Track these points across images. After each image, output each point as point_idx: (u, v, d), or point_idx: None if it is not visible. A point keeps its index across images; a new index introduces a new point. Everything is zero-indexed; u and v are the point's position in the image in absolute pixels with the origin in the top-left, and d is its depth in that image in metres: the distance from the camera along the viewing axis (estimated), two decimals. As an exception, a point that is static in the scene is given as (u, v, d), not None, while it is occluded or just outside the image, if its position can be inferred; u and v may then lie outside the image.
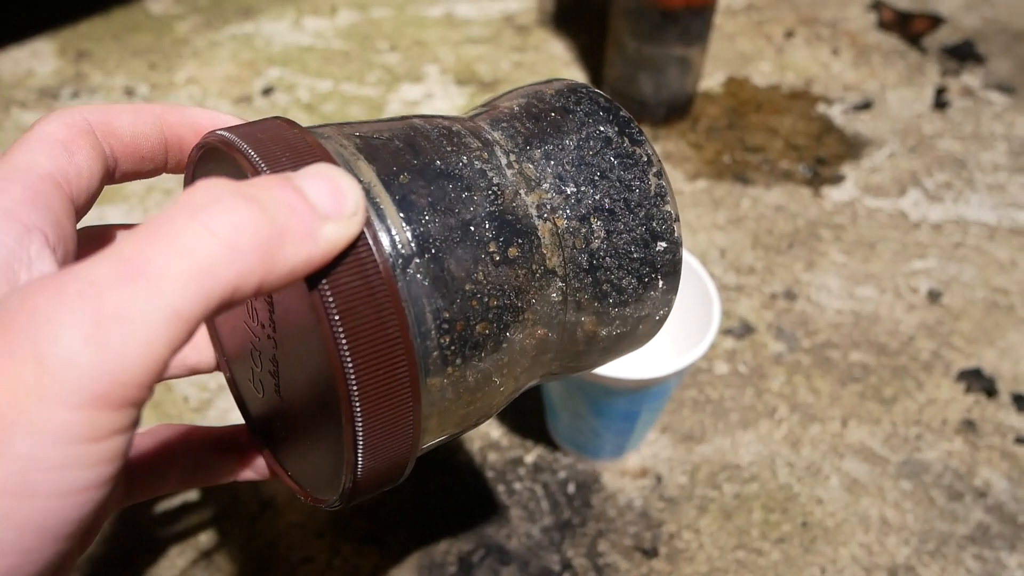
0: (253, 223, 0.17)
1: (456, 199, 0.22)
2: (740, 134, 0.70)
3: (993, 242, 0.61)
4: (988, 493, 0.46)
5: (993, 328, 0.55)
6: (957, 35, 0.83)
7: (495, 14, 0.85)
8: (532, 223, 0.24)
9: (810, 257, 0.60)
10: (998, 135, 0.71)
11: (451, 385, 0.22)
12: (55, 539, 0.16)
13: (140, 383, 0.15)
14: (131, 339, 0.15)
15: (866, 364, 0.53)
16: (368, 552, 0.43)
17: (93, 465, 0.15)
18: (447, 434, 0.24)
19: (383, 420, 0.21)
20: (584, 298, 0.24)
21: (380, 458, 0.21)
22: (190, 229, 0.16)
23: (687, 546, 0.44)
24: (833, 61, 0.79)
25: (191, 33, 0.82)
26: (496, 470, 0.47)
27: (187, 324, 0.16)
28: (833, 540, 0.44)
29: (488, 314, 0.22)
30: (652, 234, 0.25)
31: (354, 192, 0.19)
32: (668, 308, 0.27)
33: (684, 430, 0.49)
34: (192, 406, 0.49)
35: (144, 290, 0.15)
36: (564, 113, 0.26)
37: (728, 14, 0.85)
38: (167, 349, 0.16)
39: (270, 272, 0.17)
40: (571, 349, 0.25)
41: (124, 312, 0.15)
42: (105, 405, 0.15)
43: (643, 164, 0.25)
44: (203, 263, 0.16)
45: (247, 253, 0.16)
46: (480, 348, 0.22)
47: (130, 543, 0.43)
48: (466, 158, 0.24)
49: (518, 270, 0.23)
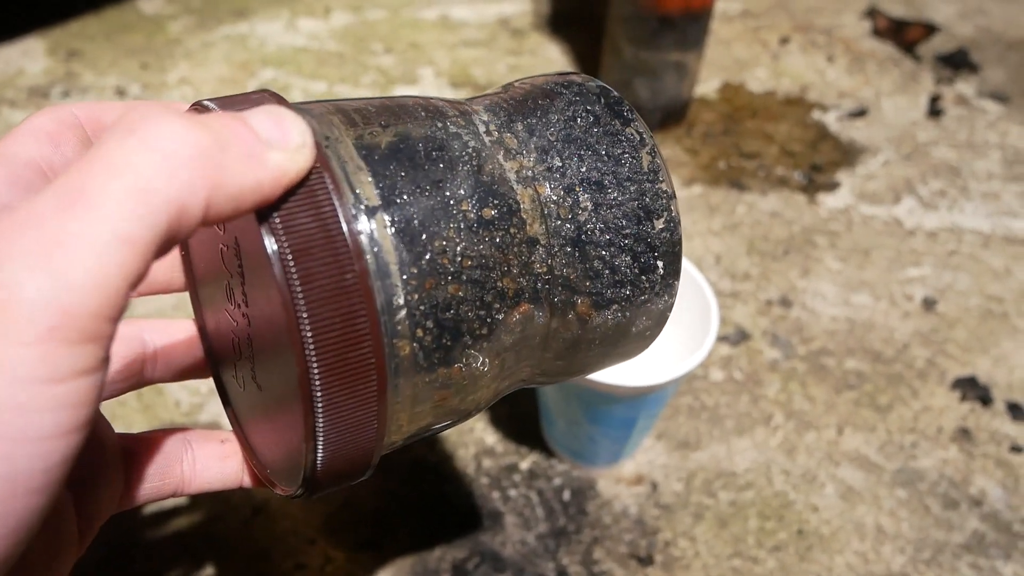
0: (191, 134, 0.16)
1: (427, 156, 0.22)
2: (736, 140, 0.70)
3: (987, 250, 0.61)
4: (983, 502, 0.46)
5: (988, 336, 0.55)
6: (951, 43, 0.83)
7: (490, 17, 0.85)
8: (510, 187, 0.22)
9: (805, 264, 0.60)
10: (992, 143, 0.71)
11: (424, 353, 0.21)
12: (25, 491, 0.15)
13: (94, 312, 0.15)
14: (76, 265, 0.15)
15: (861, 372, 0.52)
16: (361, 559, 0.43)
17: (56, 409, 0.15)
18: (426, 418, 0.22)
19: (343, 373, 0.19)
20: (574, 275, 0.23)
21: (343, 419, 0.20)
22: (125, 147, 0.16)
23: (683, 554, 0.43)
24: (828, 68, 0.79)
25: (184, 33, 0.81)
26: (491, 476, 0.47)
27: (135, 247, 0.15)
28: (829, 548, 0.44)
29: (461, 275, 0.21)
30: (646, 210, 0.24)
31: (299, 126, 0.19)
32: (670, 298, 0.25)
33: (679, 437, 0.49)
34: (183, 410, 0.49)
35: (84, 214, 0.15)
36: (552, 94, 0.25)
37: (724, 20, 0.85)
38: (118, 275, 0.15)
39: (216, 189, 0.16)
40: (564, 335, 0.24)
41: (65, 239, 0.15)
42: (61, 339, 0.15)
43: (635, 142, 0.24)
44: (142, 179, 0.15)
45: (188, 165, 0.16)
46: (453, 311, 0.21)
47: (122, 547, 0.43)
48: (441, 123, 0.23)
49: (494, 233, 0.22)
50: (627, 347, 0.26)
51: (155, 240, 0.16)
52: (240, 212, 0.18)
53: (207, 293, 0.26)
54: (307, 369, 0.19)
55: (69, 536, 0.21)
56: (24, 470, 0.15)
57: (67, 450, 0.15)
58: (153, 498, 0.25)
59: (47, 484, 0.15)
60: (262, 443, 0.25)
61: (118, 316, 0.16)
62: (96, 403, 0.16)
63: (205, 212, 0.17)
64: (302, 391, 0.19)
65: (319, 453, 0.20)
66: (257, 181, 0.17)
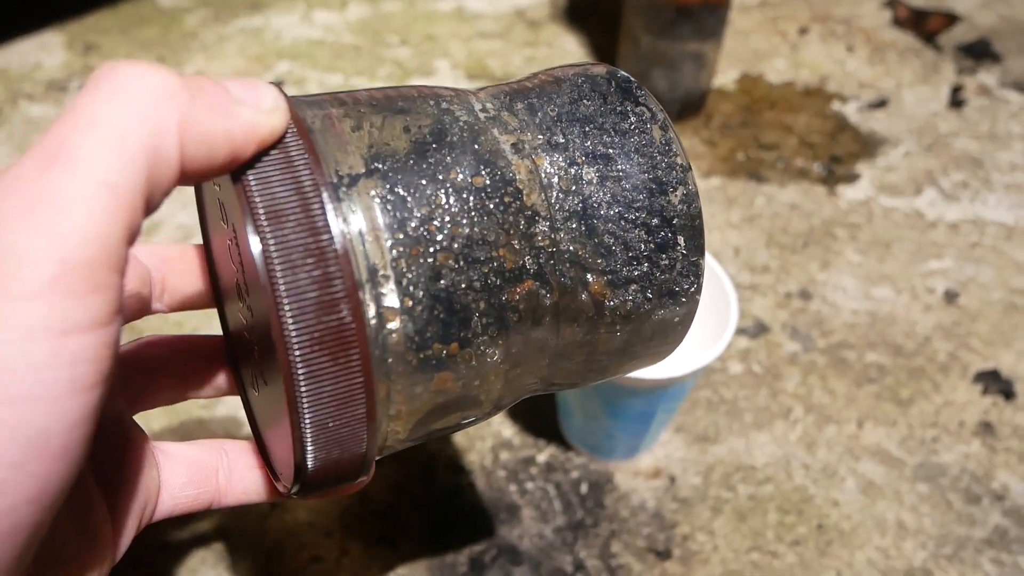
0: (157, 76, 0.17)
1: (415, 128, 0.21)
2: (754, 131, 0.70)
3: (1010, 242, 0.60)
4: (1006, 496, 0.45)
5: (1010, 329, 0.54)
6: (973, 33, 0.82)
7: (506, 8, 0.84)
8: (505, 158, 0.21)
9: (825, 256, 0.59)
10: (1015, 134, 0.70)
11: (415, 325, 0.19)
12: (49, 455, 0.15)
13: (92, 261, 0.15)
14: (64, 217, 0.15)
15: (882, 365, 0.52)
16: (378, 552, 0.43)
17: (71, 364, 0.15)
18: (427, 405, 0.21)
19: (321, 337, 0.18)
20: (582, 251, 0.22)
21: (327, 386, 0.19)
22: (96, 99, 0.16)
23: (701, 548, 0.43)
24: (848, 58, 0.78)
25: (199, 26, 0.81)
26: (508, 469, 0.46)
27: (120, 193, 0.16)
28: (849, 543, 0.43)
29: (453, 244, 0.20)
30: (658, 183, 0.22)
31: (273, 92, 0.19)
32: (695, 279, 0.23)
33: (698, 430, 0.48)
34: (200, 403, 0.49)
35: (64, 169, 0.15)
36: (559, 80, 0.24)
37: (742, 10, 0.84)
38: (109, 223, 0.15)
39: (187, 129, 0.17)
40: (579, 320, 0.22)
41: (49, 194, 0.15)
42: (66, 290, 0.15)
43: (644, 117, 0.23)
44: (115, 127, 0.16)
45: (157, 105, 0.16)
46: (446, 282, 0.20)
47: (140, 541, 0.43)
48: (434, 101, 0.22)
49: (486, 201, 0.21)
50: (651, 340, 0.24)
51: (138, 186, 0.16)
52: (214, 162, 0.18)
53: (231, 309, 0.26)
54: (283, 331, 0.18)
55: (103, 537, 0.21)
56: (45, 430, 0.15)
57: (86, 408, 0.15)
58: (189, 509, 0.25)
59: (70, 446, 0.15)
60: (275, 446, 0.24)
61: (120, 267, 0.16)
62: (112, 359, 0.16)
63: (181, 157, 0.17)
64: (280, 356, 0.18)
65: (306, 429, 0.19)
66: (227, 130, 0.18)
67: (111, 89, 0.16)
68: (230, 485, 0.25)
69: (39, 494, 0.15)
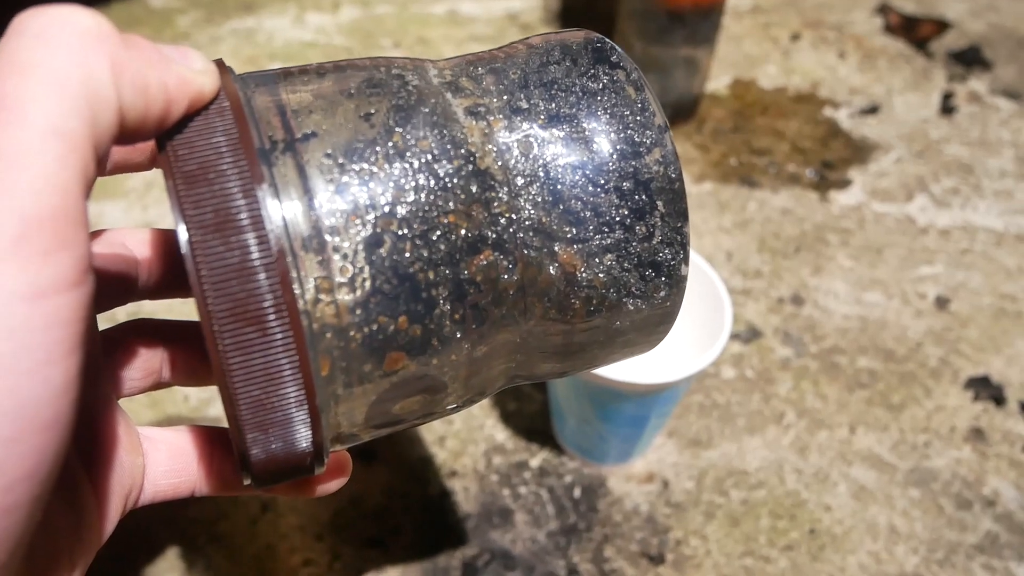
0: (89, 18, 0.17)
1: (358, 93, 0.20)
2: (746, 137, 0.70)
3: (1001, 248, 0.61)
4: (997, 502, 0.46)
5: (1001, 335, 0.55)
6: (963, 40, 0.82)
7: (499, 12, 0.84)
8: (457, 120, 0.20)
9: (817, 262, 0.59)
10: (1005, 141, 0.70)
11: (356, 297, 0.18)
12: (36, 426, 0.14)
13: (54, 214, 0.15)
14: (18, 171, 0.14)
15: (874, 370, 0.52)
16: (370, 556, 0.43)
17: (46, 327, 0.14)
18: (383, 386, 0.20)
19: (243, 310, 0.17)
20: (547, 219, 0.20)
21: (257, 366, 0.18)
22: (24, 45, 0.16)
23: (694, 552, 0.43)
24: (839, 64, 0.78)
25: (191, 28, 0.81)
26: (501, 473, 0.46)
27: (69, 140, 0.15)
28: (841, 548, 0.43)
29: (396, 209, 0.19)
30: (631, 143, 0.21)
31: (203, 56, 0.19)
32: (680, 249, 0.21)
33: (691, 435, 0.48)
34: (192, 405, 0.49)
35: (8, 123, 0.15)
36: (529, 46, 0.23)
37: (734, 16, 0.84)
38: (64, 171, 0.15)
39: (122, 76, 0.16)
40: (550, 295, 0.21)
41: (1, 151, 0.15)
42: (32, 250, 0.14)
43: (617, 78, 0.21)
44: (52, 72, 0.15)
45: (90, 47, 0.16)
46: (389, 249, 0.19)
47: (130, 543, 0.43)
48: (384, 68, 0.21)
49: (433, 164, 0.19)
50: (635, 318, 0.22)
51: (87, 131, 0.16)
52: (151, 113, 0.17)
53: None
54: (204, 300, 0.17)
55: (89, 519, 0.21)
56: (30, 401, 0.14)
57: (68, 374, 0.15)
58: (171, 495, 0.25)
59: (59, 416, 0.15)
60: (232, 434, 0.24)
61: (83, 221, 0.15)
62: (87, 321, 0.16)
63: (119, 102, 0.16)
64: (204, 327, 0.17)
65: (240, 405, 0.18)
66: (161, 80, 0.17)
67: (37, 33, 0.16)
68: (211, 473, 0.25)
69: (35, 468, 0.15)
